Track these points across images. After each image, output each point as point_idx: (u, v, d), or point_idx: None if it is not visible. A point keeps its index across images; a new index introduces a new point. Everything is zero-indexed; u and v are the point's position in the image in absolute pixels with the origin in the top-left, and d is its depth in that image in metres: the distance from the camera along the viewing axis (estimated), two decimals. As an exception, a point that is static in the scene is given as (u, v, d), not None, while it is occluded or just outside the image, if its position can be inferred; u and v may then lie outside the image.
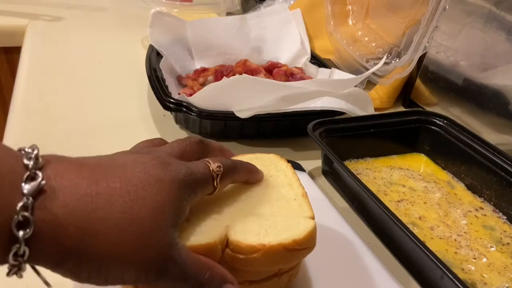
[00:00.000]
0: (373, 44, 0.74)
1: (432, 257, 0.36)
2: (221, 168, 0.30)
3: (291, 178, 0.36)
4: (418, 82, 0.70)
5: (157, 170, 0.27)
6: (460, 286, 0.34)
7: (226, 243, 0.30)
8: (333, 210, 0.47)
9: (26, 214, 0.22)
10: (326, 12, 0.82)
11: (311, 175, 0.54)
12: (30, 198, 0.22)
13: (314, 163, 0.56)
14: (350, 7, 0.82)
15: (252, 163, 0.36)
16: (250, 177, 0.35)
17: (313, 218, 0.32)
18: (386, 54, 0.69)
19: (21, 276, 0.24)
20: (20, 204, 0.22)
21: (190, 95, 0.57)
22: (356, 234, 0.44)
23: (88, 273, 0.24)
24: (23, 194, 0.22)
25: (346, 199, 0.50)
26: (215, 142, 0.36)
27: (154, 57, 0.67)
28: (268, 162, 0.38)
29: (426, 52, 0.65)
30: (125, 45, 0.85)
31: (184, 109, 0.55)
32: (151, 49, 0.68)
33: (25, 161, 0.23)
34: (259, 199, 0.34)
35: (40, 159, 0.24)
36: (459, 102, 0.65)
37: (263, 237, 0.30)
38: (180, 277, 0.27)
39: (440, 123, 0.56)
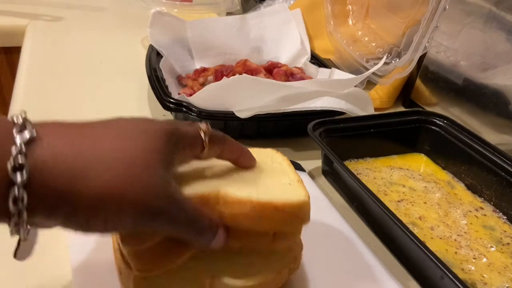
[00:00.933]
0: (373, 44, 0.74)
1: (432, 257, 0.36)
2: (209, 129, 0.31)
3: (287, 168, 0.36)
4: (418, 82, 0.70)
5: (145, 123, 0.28)
6: (460, 286, 0.34)
7: (218, 200, 0.30)
8: (333, 210, 0.47)
9: (20, 160, 0.23)
10: (326, 12, 0.82)
11: (311, 175, 0.54)
12: (23, 146, 0.23)
13: (314, 163, 0.56)
14: (350, 7, 0.82)
15: None
16: (242, 158, 0.34)
17: (308, 197, 0.32)
18: (386, 54, 0.69)
19: (24, 239, 0.25)
20: (14, 151, 0.23)
21: (190, 95, 0.57)
22: (356, 234, 0.44)
23: (86, 217, 0.24)
24: (16, 143, 0.23)
25: (346, 199, 0.50)
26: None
27: (154, 57, 0.67)
28: (264, 154, 0.38)
29: (426, 52, 0.65)
30: (125, 45, 0.85)
31: (184, 109, 0.55)
32: (151, 49, 0.68)
33: (15, 120, 0.24)
34: (255, 180, 0.34)
35: (29, 119, 0.25)
36: (459, 102, 0.65)
37: (255, 195, 0.30)
38: (181, 218, 0.27)
39: (440, 123, 0.56)
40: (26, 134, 0.24)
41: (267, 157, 0.38)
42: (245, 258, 0.33)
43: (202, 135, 0.31)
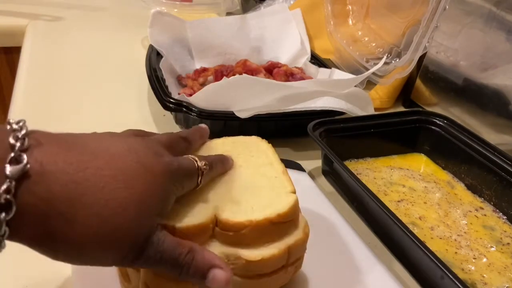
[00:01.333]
0: (373, 44, 0.74)
1: (432, 257, 0.36)
2: (207, 167, 0.32)
3: (272, 158, 0.38)
4: (418, 82, 0.70)
5: (149, 160, 0.27)
6: (460, 286, 0.34)
7: (215, 222, 0.31)
8: (333, 210, 0.47)
9: (8, 197, 0.22)
10: (326, 12, 0.82)
11: (311, 175, 0.54)
12: (13, 182, 0.22)
13: (314, 163, 0.56)
14: (350, 7, 0.82)
15: (234, 145, 0.39)
16: (225, 168, 0.36)
17: (294, 192, 0.34)
18: (386, 54, 0.69)
19: None
20: (3, 187, 0.21)
21: (190, 95, 0.57)
22: (356, 234, 0.44)
23: (65, 254, 0.24)
24: (6, 177, 0.22)
25: (346, 199, 0.50)
26: (195, 134, 0.37)
27: (154, 57, 0.67)
28: (250, 144, 0.40)
29: (426, 52, 0.65)
30: (125, 45, 0.85)
31: (184, 109, 0.55)
32: (151, 49, 0.68)
33: (11, 141, 0.23)
34: (243, 180, 0.35)
35: (27, 140, 0.23)
36: (459, 102, 0.65)
37: (250, 214, 0.31)
38: (157, 258, 0.27)
39: (440, 123, 0.56)
40: (20, 168, 0.22)
41: (252, 146, 0.39)
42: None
43: (200, 173, 0.31)
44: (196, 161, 0.31)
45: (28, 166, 0.22)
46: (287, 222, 0.33)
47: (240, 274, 0.31)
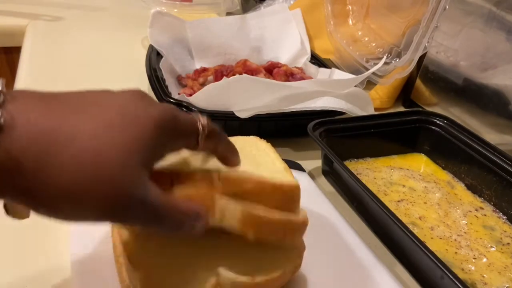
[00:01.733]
0: (373, 44, 0.74)
1: (432, 257, 0.36)
2: (209, 125, 0.29)
3: (273, 156, 0.37)
4: (418, 82, 0.70)
5: (135, 106, 0.26)
6: (460, 286, 0.34)
7: (218, 176, 0.31)
8: (333, 210, 0.47)
9: None
10: (326, 12, 0.82)
11: (311, 175, 0.54)
12: None
13: (314, 163, 0.56)
14: (350, 7, 0.82)
15: (234, 143, 0.37)
16: (230, 157, 0.33)
17: (298, 184, 0.33)
18: (386, 54, 0.69)
19: None
20: None
21: (190, 95, 0.57)
22: (356, 234, 0.44)
23: (46, 210, 0.23)
24: None
25: (346, 199, 0.50)
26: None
27: (154, 57, 0.67)
28: (249, 143, 0.39)
29: (426, 52, 0.65)
30: (125, 45, 0.85)
31: (184, 109, 0.55)
32: (151, 49, 0.68)
33: None
34: (248, 164, 0.34)
35: (2, 96, 0.23)
36: (459, 102, 0.65)
37: (254, 172, 0.31)
38: (150, 217, 0.26)
39: (440, 123, 0.56)
40: None
41: (251, 145, 0.39)
42: (252, 253, 0.33)
43: (200, 130, 0.29)
44: (199, 119, 0.29)
45: (2, 120, 0.22)
46: (288, 197, 0.32)
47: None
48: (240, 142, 0.39)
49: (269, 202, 0.31)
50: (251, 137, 0.41)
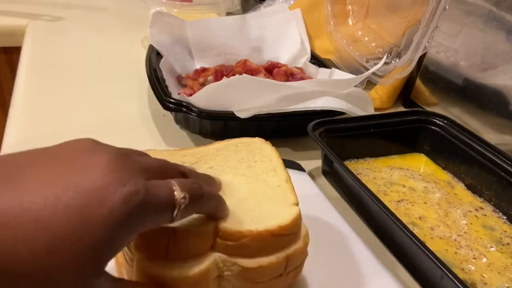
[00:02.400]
0: (373, 44, 0.74)
1: (432, 257, 0.36)
2: (187, 200, 0.25)
3: (276, 163, 0.37)
4: (418, 82, 0.70)
5: (107, 188, 0.21)
6: (460, 286, 0.34)
7: (216, 231, 0.30)
8: (333, 210, 0.47)
9: None
10: (326, 12, 0.82)
11: (311, 175, 0.54)
12: None
13: (314, 163, 0.56)
14: (350, 7, 0.82)
15: (237, 149, 0.37)
16: (217, 212, 0.30)
17: (297, 204, 0.33)
18: (386, 54, 0.69)
19: None
20: None
21: (190, 95, 0.57)
22: (356, 234, 0.44)
23: None
24: None
25: (346, 199, 0.50)
26: (201, 177, 0.32)
27: (154, 57, 0.67)
28: (253, 147, 0.38)
29: (426, 52, 0.65)
30: (125, 45, 0.85)
31: (184, 109, 0.55)
32: (151, 49, 0.68)
33: None
34: (244, 189, 0.34)
35: None
36: (459, 102, 0.65)
37: (250, 225, 0.30)
38: None
39: (440, 123, 0.56)
40: None
41: (256, 149, 0.38)
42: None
43: (176, 205, 0.24)
44: (175, 189, 0.25)
45: None
46: (288, 235, 0.32)
47: (236, 280, 0.31)
48: (244, 145, 0.38)
49: (272, 248, 0.31)
50: (256, 139, 0.40)
